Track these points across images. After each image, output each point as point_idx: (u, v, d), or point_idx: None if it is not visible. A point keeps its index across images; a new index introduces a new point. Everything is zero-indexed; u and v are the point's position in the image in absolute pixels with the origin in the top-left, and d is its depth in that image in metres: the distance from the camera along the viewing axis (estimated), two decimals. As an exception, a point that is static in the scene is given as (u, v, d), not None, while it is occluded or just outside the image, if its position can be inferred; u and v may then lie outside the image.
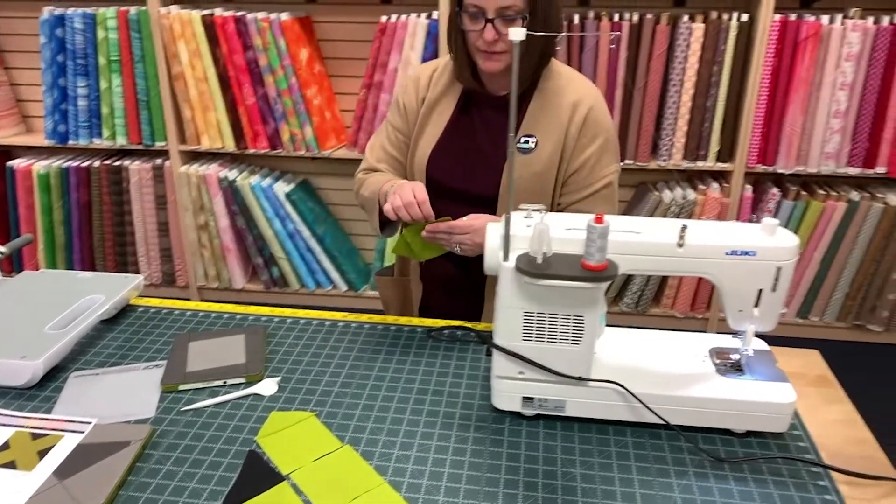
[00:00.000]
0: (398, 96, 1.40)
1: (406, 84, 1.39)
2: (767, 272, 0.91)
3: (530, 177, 1.28)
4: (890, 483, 0.91)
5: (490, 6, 1.18)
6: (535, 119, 1.29)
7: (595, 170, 1.29)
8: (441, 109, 1.34)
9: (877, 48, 2.27)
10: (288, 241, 2.72)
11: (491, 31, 1.19)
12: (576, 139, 1.27)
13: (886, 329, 2.59)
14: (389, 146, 1.40)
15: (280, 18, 2.42)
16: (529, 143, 1.28)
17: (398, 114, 1.39)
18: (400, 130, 1.39)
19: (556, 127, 1.28)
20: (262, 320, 1.29)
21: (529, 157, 1.28)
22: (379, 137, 1.43)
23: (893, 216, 2.42)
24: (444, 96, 1.34)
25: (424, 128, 1.35)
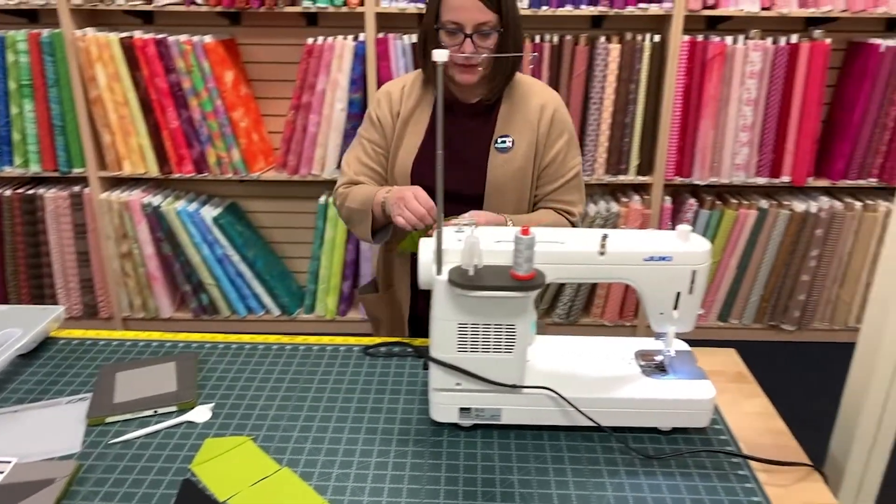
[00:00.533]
0: (371, 112, 1.45)
1: (378, 100, 1.44)
2: (684, 276, 0.97)
3: (513, 173, 1.38)
4: (803, 468, 0.97)
5: (468, 22, 1.27)
6: (508, 121, 1.39)
7: (564, 162, 1.41)
8: (417, 120, 1.41)
9: (776, 66, 2.44)
10: (217, 267, 2.66)
11: (470, 45, 1.28)
12: (546, 136, 1.39)
13: (798, 328, 2.75)
14: (367, 159, 1.44)
15: (203, 41, 2.39)
16: (506, 142, 1.38)
17: (374, 128, 1.44)
18: (377, 144, 1.44)
19: (527, 127, 1.38)
20: (192, 347, 1.26)
21: (508, 156, 1.38)
22: (353, 153, 1.47)
23: (799, 222, 2.59)
24: (417, 108, 1.41)
25: (402, 138, 1.41)
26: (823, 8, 2.35)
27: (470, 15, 1.26)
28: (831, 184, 2.60)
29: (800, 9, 2.36)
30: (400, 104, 1.42)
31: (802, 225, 2.60)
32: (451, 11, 1.27)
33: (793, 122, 2.49)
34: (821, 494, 0.93)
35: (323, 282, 2.73)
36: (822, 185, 2.61)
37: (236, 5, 2.35)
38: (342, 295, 2.75)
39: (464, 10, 1.26)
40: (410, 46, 2.40)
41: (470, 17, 1.26)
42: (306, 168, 2.57)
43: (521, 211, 1.42)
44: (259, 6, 2.35)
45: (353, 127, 2.51)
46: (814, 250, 2.63)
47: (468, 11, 1.26)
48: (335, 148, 2.53)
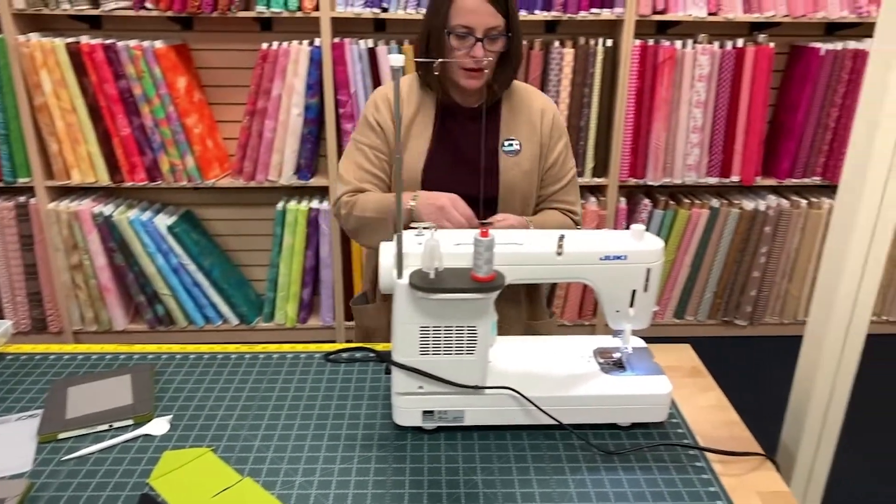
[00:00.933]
0: (370, 117, 1.41)
1: (376, 105, 1.41)
2: (638, 274, 0.99)
3: (522, 175, 1.40)
4: (756, 458, 1.00)
5: (479, 26, 1.28)
6: (512, 124, 1.41)
7: (565, 164, 1.45)
8: (419, 125, 1.40)
9: (723, 69, 2.52)
10: (172, 277, 2.60)
11: (480, 49, 1.29)
12: (549, 138, 1.43)
13: (750, 323, 2.84)
14: (370, 165, 1.41)
15: (154, 46, 2.34)
16: (514, 144, 1.40)
17: (374, 134, 1.41)
18: (378, 149, 1.41)
19: (531, 130, 1.41)
20: (148, 358, 1.23)
21: (518, 158, 1.40)
22: (353, 160, 1.43)
23: (748, 220, 2.67)
24: (419, 112, 1.40)
25: (407, 143, 1.39)
26: (766, 13, 2.43)
27: (482, 19, 1.27)
28: (778, 182, 2.69)
29: (744, 14, 2.44)
30: (400, 109, 1.39)
31: (752, 223, 2.68)
32: (462, 15, 1.27)
33: (740, 124, 2.58)
34: (774, 482, 0.96)
35: (282, 289, 2.70)
36: (769, 183, 2.70)
37: (187, 10, 2.31)
38: (302, 302, 2.73)
39: (476, 14, 1.27)
40: (367, 51, 2.40)
41: (481, 21, 1.27)
42: (263, 174, 2.54)
43: (527, 213, 1.43)
44: (211, 11, 2.32)
45: (309, 132, 2.50)
46: (763, 247, 2.71)
47: (480, 15, 1.27)
48: (292, 154, 2.51)
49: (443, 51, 1.33)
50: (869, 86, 0.92)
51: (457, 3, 1.28)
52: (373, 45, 2.40)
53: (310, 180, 2.58)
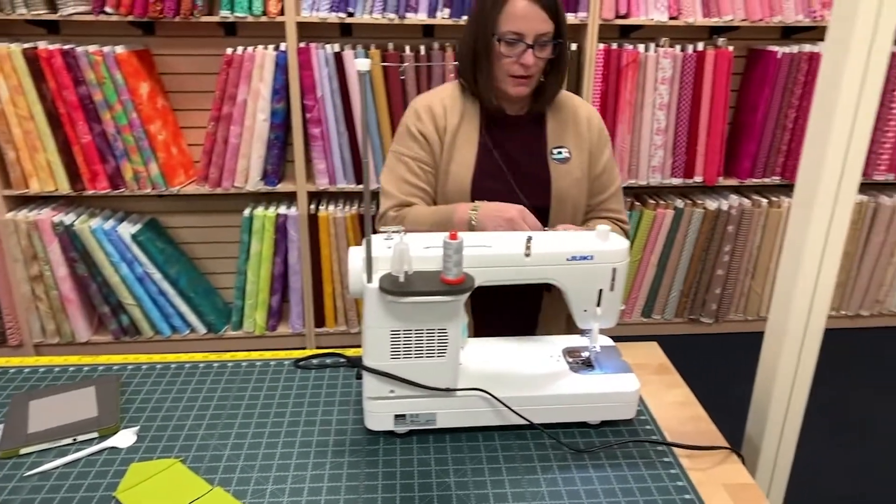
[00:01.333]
0: (413, 128, 1.37)
1: (418, 115, 1.37)
2: (605, 273, 1.01)
3: (574, 183, 1.37)
4: (722, 451, 1.03)
5: (530, 32, 1.25)
6: (560, 132, 1.39)
7: (612, 172, 1.44)
8: (464, 134, 1.36)
9: (685, 72, 2.57)
10: (137, 286, 2.55)
11: (530, 55, 1.26)
12: (597, 147, 1.41)
13: (716, 320, 2.90)
14: (415, 178, 1.36)
15: (115, 52, 2.30)
16: (563, 153, 1.37)
17: (418, 146, 1.36)
18: (424, 162, 1.37)
19: (579, 138, 1.39)
20: (114, 369, 1.21)
21: (568, 166, 1.37)
22: (396, 172, 1.38)
23: (712, 219, 2.73)
24: (463, 122, 1.37)
25: (452, 154, 1.36)
26: (725, 17, 2.49)
27: (532, 25, 1.25)
28: (740, 182, 2.75)
29: (704, 18, 2.50)
30: (444, 118, 1.36)
31: (715, 222, 2.74)
32: (512, 21, 1.25)
33: (702, 126, 2.63)
34: (739, 475, 0.98)
35: (250, 297, 2.67)
36: (731, 183, 2.76)
37: (149, 14, 2.28)
38: (271, 309, 2.70)
39: (527, 21, 1.24)
40: (333, 56, 2.39)
41: (532, 28, 1.25)
42: (229, 181, 2.51)
43: (577, 221, 1.40)
44: (174, 15, 2.29)
45: (275, 137, 2.48)
46: (726, 246, 2.77)
47: (531, 21, 1.24)
48: (258, 159, 2.48)
49: (490, 58, 1.30)
50: (821, 88, 0.95)
51: (507, 8, 1.25)
52: (339, 49, 2.40)
53: (277, 186, 2.56)
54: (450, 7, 2.38)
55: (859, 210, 2.79)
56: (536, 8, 1.24)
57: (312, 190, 2.57)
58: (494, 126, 1.37)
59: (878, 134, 2.70)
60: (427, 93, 1.43)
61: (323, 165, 2.53)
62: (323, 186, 2.55)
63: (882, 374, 2.64)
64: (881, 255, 2.88)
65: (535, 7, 1.24)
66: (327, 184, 2.55)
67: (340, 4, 2.35)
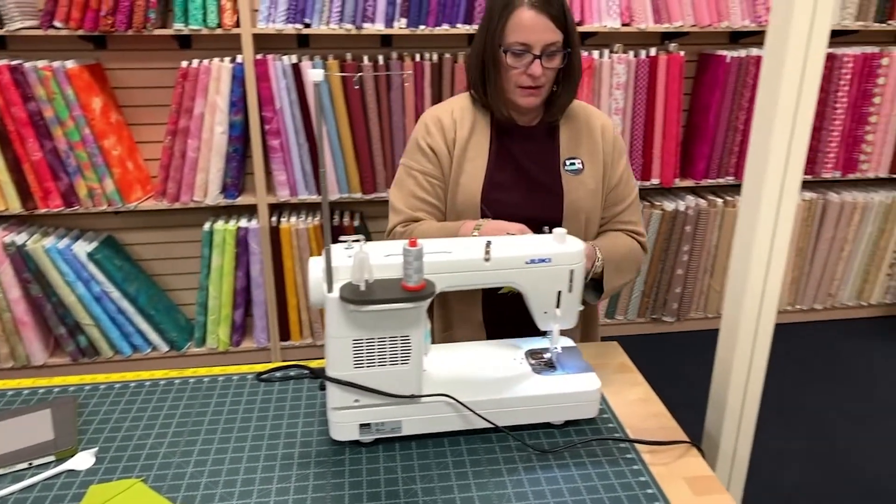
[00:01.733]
0: (422, 142, 1.35)
1: (427, 128, 1.35)
2: (563, 275, 1.03)
3: (587, 194, 1.34)
4: (683, 446, 1.05)
5: (537, 43, 1.23)
6: (573, 143, 1.36)
7: (629, 183, 1.41)
8: (475, 146, 1.34)
9: (639, 77, 2.63)
10: (95, 306, 2.49)
11: (538, 66, 1.24)
12: (611, 157, 1.38)
13: (677, 319, 2.96)
14: (423, 193, 1.35)
15: (65, 67, 2.25)
16: (576, 164, 1.34)
17: (427, 160, 1.35)
18: (433, 176, 1.35)
19: (593, 148, 1.36)
20: (70, 391, 1.18)
21: (581, 177, 1.35)
22: (405, 187, 1.36)
23: (670, 220, 2.79)
24: (473, 134, 1.35)
25: (463, 166, 1.33)
26: (675, 23, 2.56)
27: (539, 35, 1.22)
28: (695, 183, 2.82)
29: (655, 24, 2.56)
30: (454, 131, 1.34)
31: (673, 223, 2.80)
32: (519, 32, 1.22)
33: (658, 129, 2.69)
34: (700, 468, 1.01)
35: (213, 312, 2.63)
36: (687, 185, 2.83)
37: (100, 28, 2.24)
38: (234, 325, 2.66)
39: (534, 31, 1.22)
40: (291, 67, 2.38)
41: (539, 38, 1.22)
42: (188, 195, 2.48)
43: (591, 234, 1.38)
44: (126, 29, 2.25)
45: (234, 150, 2.45)
46: (685, 245, 2.84)
47: (538, 32, 1.22)
48: (218, 172, 2.46)
49: (499, 69, 1.28)
50: (763, 91, 0.99)
51: (513, 18, 1.23)
52: (297, 60, 2.39)
53: (237, 199, 2.53)
54: (406, 17, 2.39)
55: (809, 207, 2.88)
56: (543, 18, 1.22)
57: (273, 202, 2.55)
58: (506, 137, 1.35)
59: (823, 133, 2.80)
60: (438, 105, 1.41)
61: (283, 177, 2.51)
62: (284, 198, 2.54)
63: (836, 366, 2.73)
64: (832, 251, 2.98)
65: (541, 17, 1.22)
66: (288, 195, 2.54)
67: (297, 16, 2.34)
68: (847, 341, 2.93)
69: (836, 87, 2.73)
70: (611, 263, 1.30)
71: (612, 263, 1.31)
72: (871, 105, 2.78)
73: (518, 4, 1.23)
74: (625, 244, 1.37)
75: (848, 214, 2.92)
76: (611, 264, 1.30)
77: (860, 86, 2.76)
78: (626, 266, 1.34)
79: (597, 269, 1.28)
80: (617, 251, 1.33)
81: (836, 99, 2.74)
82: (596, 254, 1.28)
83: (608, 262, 1.30)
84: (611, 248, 1.32)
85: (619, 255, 1.33)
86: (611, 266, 1.30)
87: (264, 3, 2.32)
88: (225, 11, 2.29)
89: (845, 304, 3.10)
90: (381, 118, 2.49)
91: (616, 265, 1.32)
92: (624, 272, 1.34)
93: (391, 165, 2.57)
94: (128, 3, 2.22)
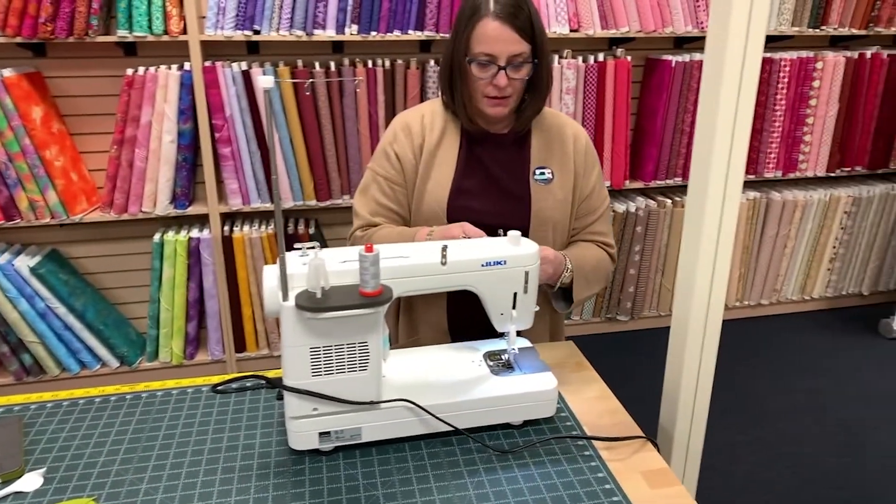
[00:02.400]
0: (388, 148, 1.34)
1: (395, 134, 1.34)
2: (518, 277, 1.04)
3: (556, 204, 1.34)
4: (638, 440, 1.08)
5: (502, 54, 1.22)
6: (544, 152, 1.36)
7: (600, 193, 1.41)
8: (444, 152, 1.33)
9: (588, 82, 2.68)
10: (39, 322, 2.40)
11: (503, 77, 1.23)
12: (583, 167, 1.37)
13: (631, 318, 3.02)
14: (383, 198, 1.34)
15: (3, 75, 2.17)
16: (545, 173, 1.34)
17: (390, 165, 1.34)
18: (394, 181, 1.34)
19: (564, 158, 1.36)
20: (15, 410, 1.14)
21: (550, 187, 1.34)
22: (368, 192, 1.37)
23: (621, 221, 2.86)
24: (443, 139, 1.34)
25: (430, 172, 1.32)
26: (622, 29, 2.63)
27: (504, 46, 1.21)
28: (645, 185, 2.89)
29: (602, 30, 2.62)
30: (422, 136, 1.33)
31: (624, 224, 2.86)
32: (484, 43, 1.22)
33: (607, 132, 2.75)
34: (655, 461, 1.03)
35: (165, 325, 2.57)
36: (637, 186, 2.90)
37: (39, 35, 2.16)
38: (188, 337, 2.60)
39: (498, 42, 1.21)
40: (241, 74, 2.35)
41: (504, 49, 1.21)
42: (136, 206, 2.42)
43: (561, 243, 1.38)
44: (67, 36, 2.19)
45: (184, 159, 2.40)
46: (636, 245, 2.90)
47: (503, 43, 1.21)
48: (167, 182, 2.40)
49: (466, 78, 1.28)
50: (704, 94, 1.02)
51: (478, 29, 1.22)
52: (247, 67, 2.36)
53: (188, 209, 2.48)
54: (357, 23, 2.39)
55: (753, 206, 2.99)
56: (508, 29, 1.21)
57: (225, 211, 2.50)
58: (476, 144, 1.35)
59: (765, 135, 2.91)
60: (409, 109, 1.41)
61: (235, 185, 2.47)
62: (236, 207, 2.50)
63: (783, 359, 2.83)
64: (775, 248, 3.09)
65: (506, 28, 1.21)
66: (241, 204, 2.50)
67: (246, 22, 2.31)
68: (792, 334, 3.04)
69: (774, 90, 2.84)
70: (580, 273, 1.31)
71: (581, 273, 1.31)
72: (808, 107, 2.90)
73: (483, 14, 1.22)
74: (594, 255, 1.37)
75: (790, 212, 3.03)
76: (580, 274, 1.31)
77: (797, 88, 2.88)
78: (594, 277, 1.36)
79: (565, 279, 1.29)
80: (586, 262, 1.34)
81: (776, 101, 2.85)
82: (566, 263, 1.29)
83: (577, 272, 1.31)
84: (580, 259, 1.33)
85: (588, 266, 1.34)
86: (580, 276, 1.31)
87: (212, 9, 2.29)
88: (171, 18, 2.25)
89: (790, 298, 3.22)
90: (334, 125, 2.48)
91: (585, 276, 1.33)
92: (593, 283, 1.35)
93: (346, 172, 2.55)
94: (68, 10, 2.16)
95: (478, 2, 1.24)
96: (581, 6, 2.57)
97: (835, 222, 3.10)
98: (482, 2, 1.23)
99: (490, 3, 1.23)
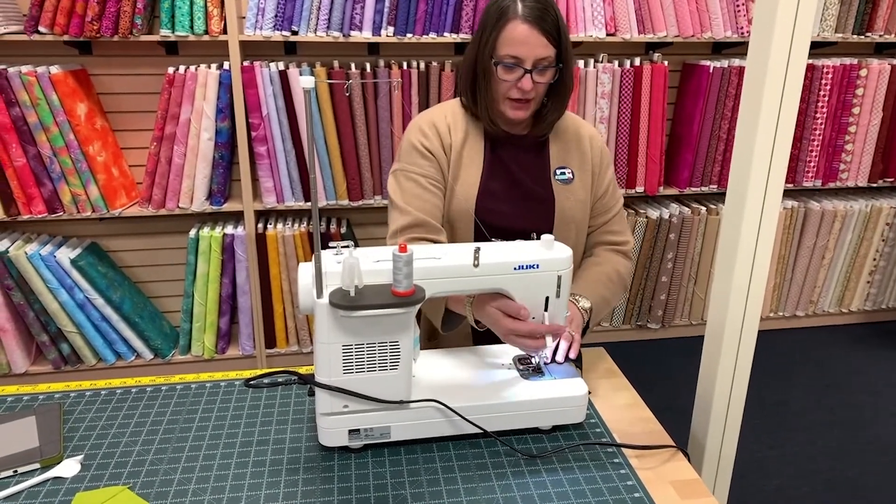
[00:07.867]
0: (418, 145, 1.32)
1: (423, 132, 1.33)
2: (550, 281, 1.04)
3: (577, 204, 1.35)
4: (669, 450, 1.06)
5: (529, 57, 1.22)
6: (563, 153, 1.37)
7: (615, 193, 1.42)
8: (469, 153, 1.33)
9: (623, 87, 2.66)
10: (78, 313, 2.46)
11: (528, 80, 1.23)
12: (599, 167, 1.39)
13: (662, 326, 2.98)
14: (430, 196, 1.31)
15: (50, 72, 2.23)
16: (566, 173, 1.35)
17: (428, 163, 1.32)
18: (435, 178, 1.32)
19: (582, 158, 1.38)
20: (56, 397, 1.17)
21: (571, 187, 1.36)
22: (409, 190, 1.31)
23: (654, 228, 2.82)
24: (467, 141, 1.34)
25: (458, 172, 1.32)
26: (659, 34, 2.60)
27: (531, 50, 1.21)
28: (679, 192, 2.85)
29: (639, 35, 2.59)
30: (449, 136, 1.33)
31: (657, 231, 2.83)
32: (511, 45, 1.22)
33: (642, 138, 2.73)
34: (686, 472, 1.02)
35: (198, 320, 2.61)
36: (671, 193, 2.86)
37: (85, 34, 2.23)
38: (220, 332, 2.65)
39: (526, 45, 1.21)
40: (278, 74, 2.38)
41: (531, 52, 1.21)
42: (173, 201, 2.47)
43: (580, 242, 1.39)
44: (112, 35, 2.24)
45: (220, 156, 2.45)
46: (669, 253, 2.87)
47: (530, 46, 1.21)
48: (204, 179, 2.45)
49: (489, 80, 1.27)
50: (745, 101, 1.01)
51: (506, 31, 1.22)
52: (284, 67, 2.39)
53: (223, 205, 2.52)
54: (393, 25, 2.40)
55: (790, 215, 2.93)
56: (536, 33, 1.20)
57: (260, 209, 2.54)
58: (498, 146, 1.35)
59: (805, 143, 2.85)
60: (428, 110, 1.40)
61: (270, 184, 2.51)
62: (270, 205, 2.53)
63: (818, 372, 2.76)
64: (812, 258, 3.03)
65: (534, 32, 1.20)
66: (275, 202, 2.53)
67: (284, 23, 2.35)
68: (828, 347, 2.97)
69: (816, 98, 2.78)
70: (597, 314, 1.31)
71: (598, 315, 1.32)
72: (851, 115, 2.83)
73: (512, 17, 1.22)
74: (607, 276, 1.35)
75: (829, 223, 2.96)
76: (599, 309, 1.32)
77: (840, 96, 2.81)
78: (613, 298, 1.36)
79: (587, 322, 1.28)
80: (599, 293, 1.31)
81: (817, 109, 2.79)
82: (584, 316, 1.25)
83: (598, 311, 1.31)
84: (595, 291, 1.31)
85: (606, 296, 1.33)
86: (600, 310, 1.32)
87: (251, 10, 2.32)
88: (212, 18, 2.29)
89: (826, 310, 3.15)
90: (367, 125, 2.50)
91: (605, 306, 1.34)
92: (612, 302, 1.36)
93: (378, 172, 2.57)
94: (114, 9, 2.22)
95: (505, 4, 1.23)
96: (618, 10, 2.55)
97: (876, 234, 3.02)
98: (510, 4, 1.23)
99: (518, 5, 1.22)
